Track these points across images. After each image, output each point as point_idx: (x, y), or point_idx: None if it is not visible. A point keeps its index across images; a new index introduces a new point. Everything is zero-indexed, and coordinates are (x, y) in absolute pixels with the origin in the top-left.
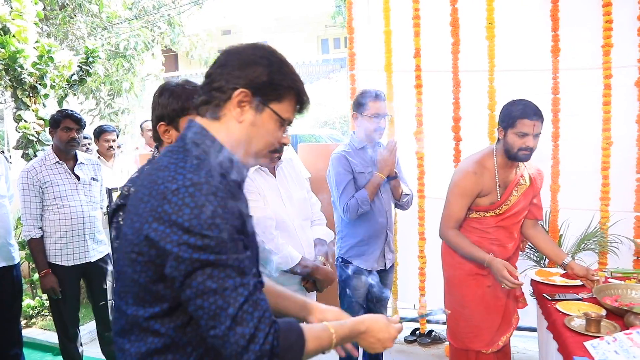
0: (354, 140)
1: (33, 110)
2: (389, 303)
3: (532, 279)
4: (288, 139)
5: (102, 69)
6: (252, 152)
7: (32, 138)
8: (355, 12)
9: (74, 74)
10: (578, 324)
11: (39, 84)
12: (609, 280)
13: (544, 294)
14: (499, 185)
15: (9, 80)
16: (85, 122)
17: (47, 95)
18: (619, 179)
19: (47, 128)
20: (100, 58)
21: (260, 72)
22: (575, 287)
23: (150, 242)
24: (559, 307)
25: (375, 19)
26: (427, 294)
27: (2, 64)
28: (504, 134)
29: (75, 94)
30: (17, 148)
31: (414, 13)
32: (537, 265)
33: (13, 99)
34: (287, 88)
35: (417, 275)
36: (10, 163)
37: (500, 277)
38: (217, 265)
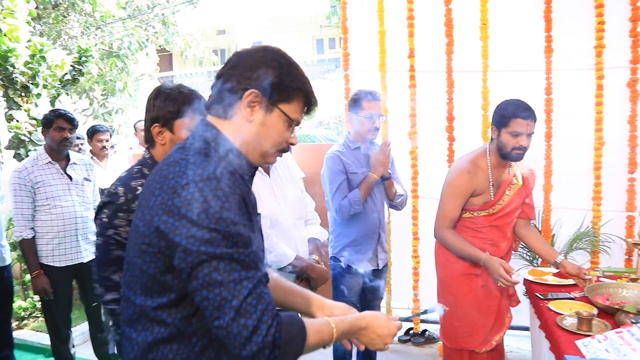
0: (349, 141)
1: (25, 110)
2: (383, 303)
3: (525, 279)
4: (296, 139)
5: (95, 69)
6: (260, 150)
7: (24, 138)
8: (350, 12)
9: (67, 74)
10: (570, 323)
11: (31, 84)
12: (601, 280)
13: (537, 293)
14: (493, 185)
15: (0, 80)
16: (78, 122)
17: (39, 95)
18: (611, 179)
19: (39, 128)
20: (94, 57)
21: (271, 73)
22: (568, 286)
23: (160, 234)
24: (551, 306)
25: (370, 19)
26: (420, 294)
27: None
28: (498, 134)
29: (69, 94)
30: (8, 148)
31: (408, 13)
32: (529, 265)
33: (5, 99)
34: (296, 90)
35: (411, 275)
36: (2, 163)
37: (497, 275)
38: (223, 259)
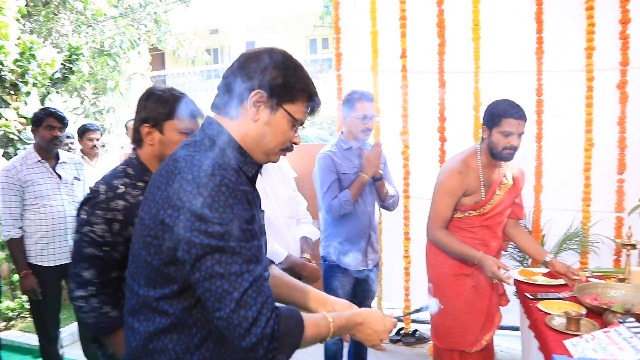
0: (341, 141)
1: (14, 108)
2: (374, 302)
3: (515, 279)
4: (299, 139)
5: (86, 67)
6: (265, 149)
7: (13, 136)
8: (342, 12)
9: (57, 72)
10: (558, 323)
11: (21, 82)
12: (590, 280)
13: (526, 294)
14: (484, 185)
15: None
16: (68, 120)
17: (28, 93)
18: (601, 180)
19: (28, 126)
20: (85, 56)
21: (276, 74)
22: (557, 286)
23: (165, 227)
24: (540, 306)
25: (362, 20)
26: (412, 294)
27: None
28: (489, 133)
29: (59, 92)
30: None
31: (401, 14)
32: (520, 265)
33: None
34: (300, 90)
35: (402, 275)
36: None
37: (491, 273)
38: (225, 252)
